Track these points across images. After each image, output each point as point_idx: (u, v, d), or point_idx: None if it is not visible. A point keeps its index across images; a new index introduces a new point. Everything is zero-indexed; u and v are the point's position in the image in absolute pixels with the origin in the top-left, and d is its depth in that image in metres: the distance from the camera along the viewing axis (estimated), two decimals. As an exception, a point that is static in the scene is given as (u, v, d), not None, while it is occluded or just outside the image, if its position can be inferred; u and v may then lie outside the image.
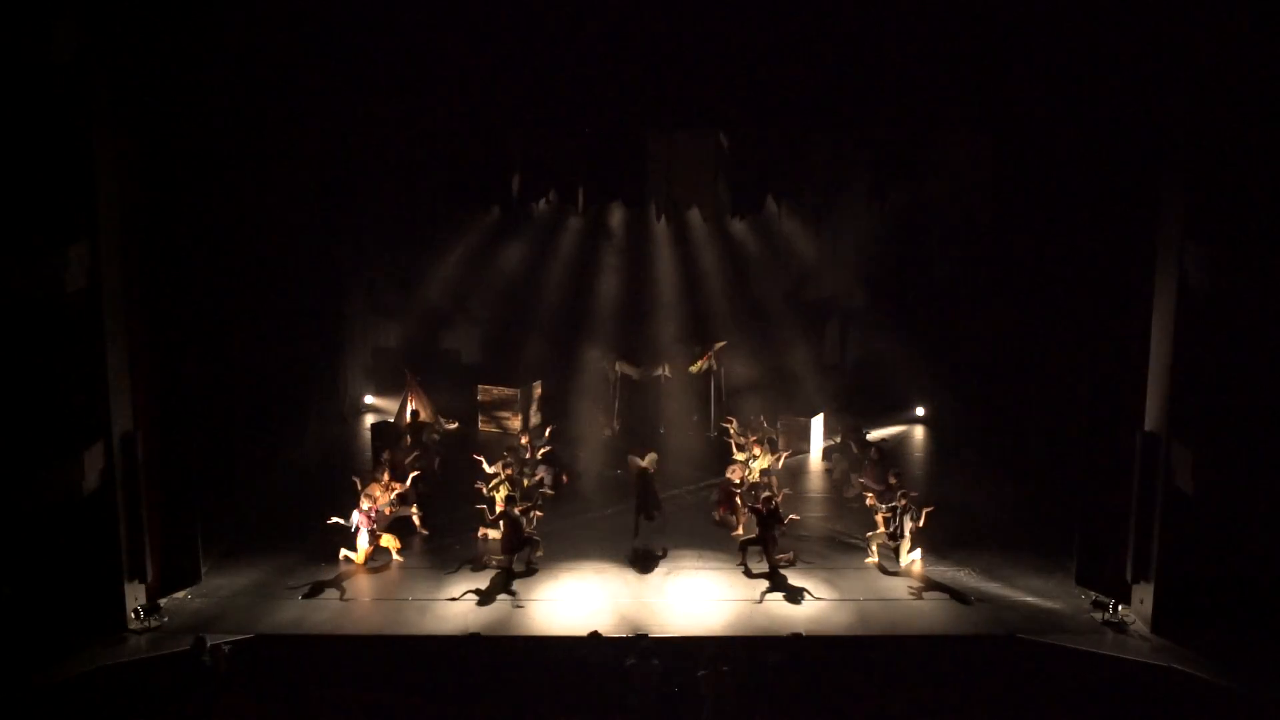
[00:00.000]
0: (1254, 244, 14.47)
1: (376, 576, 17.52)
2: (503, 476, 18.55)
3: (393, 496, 18.31)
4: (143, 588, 15.92)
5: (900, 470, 19.46)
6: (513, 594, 16.78)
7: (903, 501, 17.60)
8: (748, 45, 16.29)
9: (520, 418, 24.28)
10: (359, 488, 18.07)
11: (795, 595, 16.78)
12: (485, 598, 16.63)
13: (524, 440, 20.87)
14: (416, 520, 18.75)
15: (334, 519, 17.57)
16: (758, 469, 19.66)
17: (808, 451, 23.39)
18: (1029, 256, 20.04)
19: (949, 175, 20.00)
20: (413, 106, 17.04)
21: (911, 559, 17.60)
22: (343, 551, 17.74)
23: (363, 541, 17.59)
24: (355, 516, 17.51)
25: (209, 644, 14.18)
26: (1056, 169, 18.01)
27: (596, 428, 24.09)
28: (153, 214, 15.97)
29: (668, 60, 16.40)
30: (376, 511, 17.79)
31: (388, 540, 17.77)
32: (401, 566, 17.79)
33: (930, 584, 17.19)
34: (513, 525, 17.39)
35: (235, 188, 18.42)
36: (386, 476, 18.52)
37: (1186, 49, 14.63)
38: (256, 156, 18.57)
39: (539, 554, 17.59)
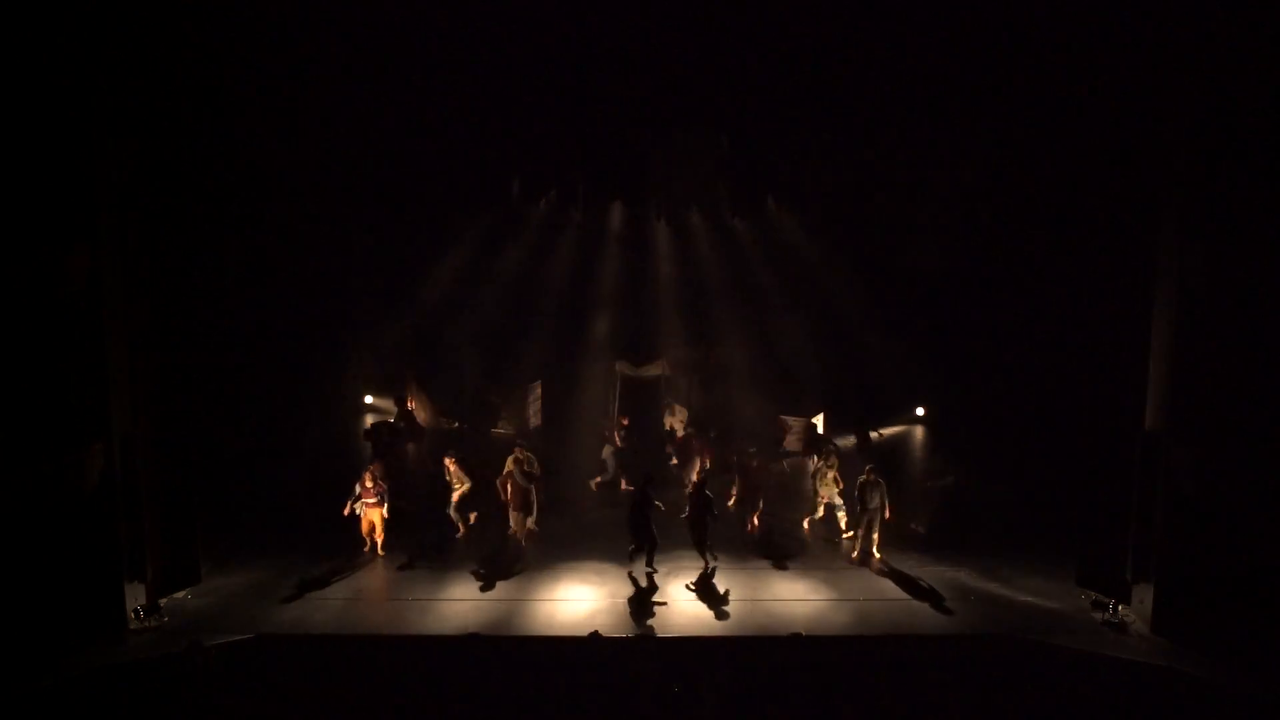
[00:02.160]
0: (1253, 244, 14.48)
1: (376, 576, 17.54)
2: (510, 470, 18.79)
3: (375, 493, 18.25)
4: (143, 588, 15.92)
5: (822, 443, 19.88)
6: (513, 593, 16.79)
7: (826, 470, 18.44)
8: (747, 45, 16.30)
9: (521, 418, 24.31)
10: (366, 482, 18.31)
11: (795, 595, 16.80)
12: (485, 598, 16.66)
13: (525, 435, 20.92)
14: (379, 531, 18.36)
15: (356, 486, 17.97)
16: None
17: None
18: (1029, 256, 20.04)
19: (948, 176, 19.98)
20: (414, 107, 17.07)
21: (857, 540, 17.78)
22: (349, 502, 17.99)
23: (361, 508, 17.90)
24: (356, 489, 17.90)
25: (200, 646, 14.17)
26: (1056, 169, 18.01)
27: (597, 427, 24.12)
28: (153, 214, 15.97)
29: (668, 60, 16.41)
30: (379, 489, 17.99)
31: (374, 515, 17.95)
32: (401, 566, 17.81)
33: (930, 584, 17.20)
34: (524, 491, 18.14)
35: (236, 188, 18.44)
36: (379, 471, 18.50)
37: (1186, 50, 14.64)
38: (257, 157, 18.60)
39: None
